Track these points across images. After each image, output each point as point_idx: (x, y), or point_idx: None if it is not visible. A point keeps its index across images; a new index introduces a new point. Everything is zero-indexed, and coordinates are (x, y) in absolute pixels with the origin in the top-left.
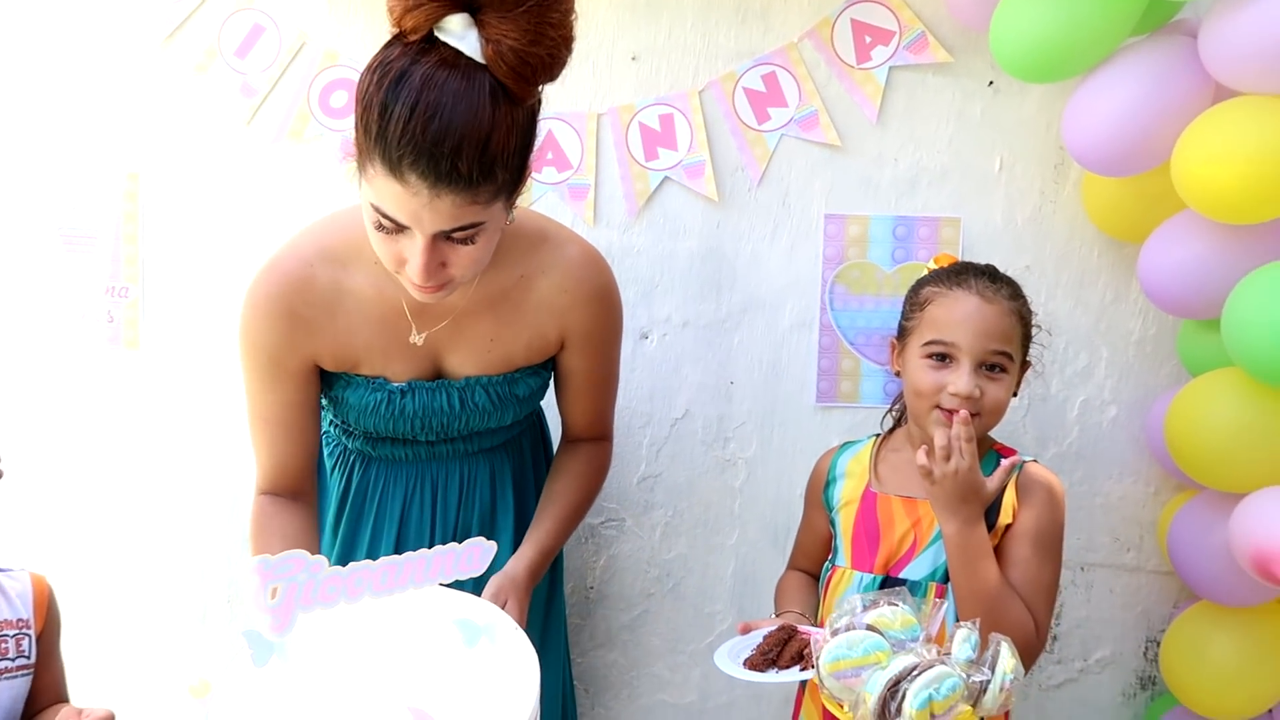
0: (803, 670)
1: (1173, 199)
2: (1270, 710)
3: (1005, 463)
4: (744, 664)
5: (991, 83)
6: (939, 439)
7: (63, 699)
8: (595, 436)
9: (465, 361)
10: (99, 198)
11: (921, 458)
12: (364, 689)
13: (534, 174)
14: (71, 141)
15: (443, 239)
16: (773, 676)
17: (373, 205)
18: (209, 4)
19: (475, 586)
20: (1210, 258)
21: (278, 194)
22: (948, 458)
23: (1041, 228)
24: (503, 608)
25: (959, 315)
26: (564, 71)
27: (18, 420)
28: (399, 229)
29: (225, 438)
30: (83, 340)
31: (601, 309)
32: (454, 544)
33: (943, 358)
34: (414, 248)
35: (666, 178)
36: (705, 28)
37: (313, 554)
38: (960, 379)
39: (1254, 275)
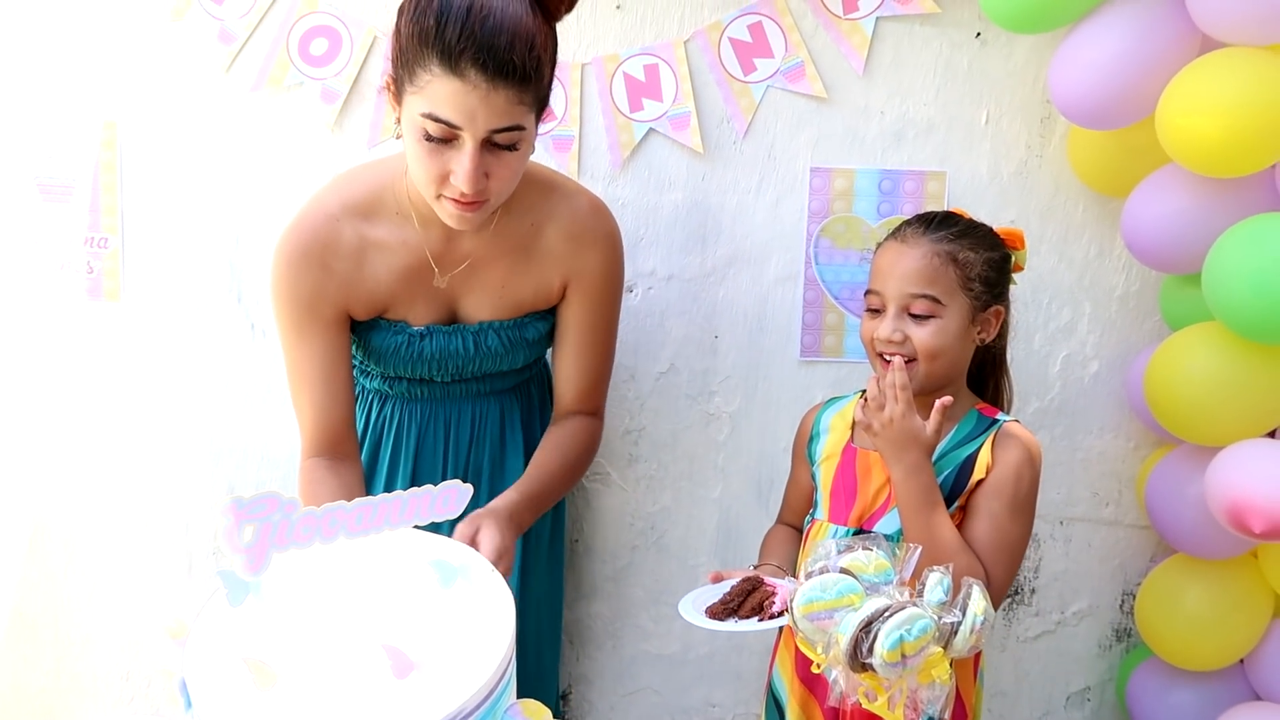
0: (760, 621)
1: (1157, 153)
2: (1241, 660)
3: (938, 403)
4: (705, 612)
5: (979, 34)
6: (871, 389)
7: None
8: (586, 410)
9: (480, 305)
10: (76, 147)
11: (858, 412)
12: (339, 628)
13: None
14: (47, 90)
15: (487, 148)
16: (729, 625)
17: (423, 114)
18: None
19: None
20: (1192, 212)
21: (258, 142)
22: (881, 407)
23: (1027, 182)
24: (475, 534)
25: (884, 262)
26: None
27: None
28: (447, 139)
29: (208, 389)
30: (62, 292)
31: (603, 257)
32: (429, 486)
33: (879, 308)
34: (461, 156)
35: (651, 129)
36: None
37: None
38: (883, 325)
39: (1235, 229)
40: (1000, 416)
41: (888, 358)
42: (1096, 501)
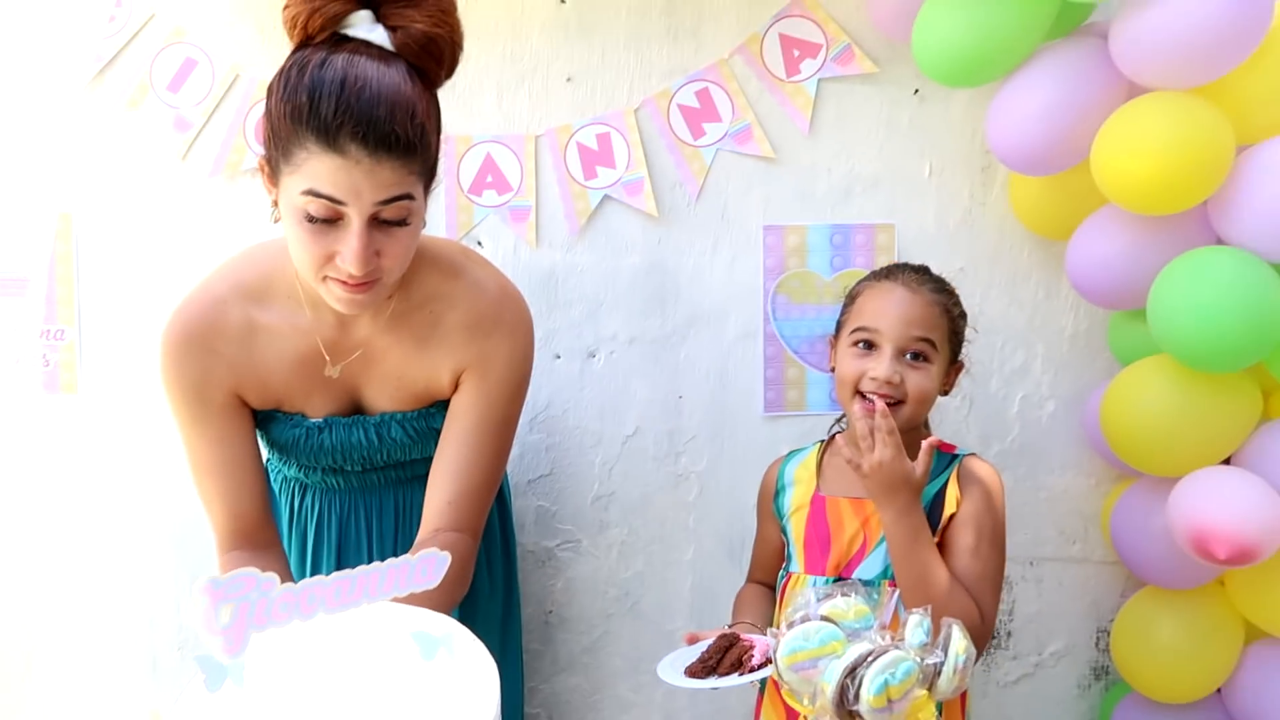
0: (740, 675)
1: (1094, 195)
2: (1219, 690)
3: (925, 444)
4: (685, 672)
5: (917, 91)
6: (860, 428)
7: None
8: (455, 526)
9: (379, 396)
10: (31, 239)
11: (846, 451)
12: (322, 707)
13: (474, 197)
14: (0, 183)
15: (376, 226)
16: (711, 683)
17: (303, 191)
18: (140, 39)
19: None
20: (1133, 250)
21: (216, 229)
22: (872, 448)
23: (973, 230)
24: None
25: (884, 304)
26: (501, 95)
27: None
28: (331, 219)
29: (168, 481)
30: (18, 386)
31: (506, 348)
32: (407, 556)
33: (869, 345)
34: (348, 235)
35: (606, 196)
36: (638, 47)
37: None
38: (881, 364)
39: (1174, 264)
40: (959, 451)
41: (869, 397)
42: (1064, 540)
